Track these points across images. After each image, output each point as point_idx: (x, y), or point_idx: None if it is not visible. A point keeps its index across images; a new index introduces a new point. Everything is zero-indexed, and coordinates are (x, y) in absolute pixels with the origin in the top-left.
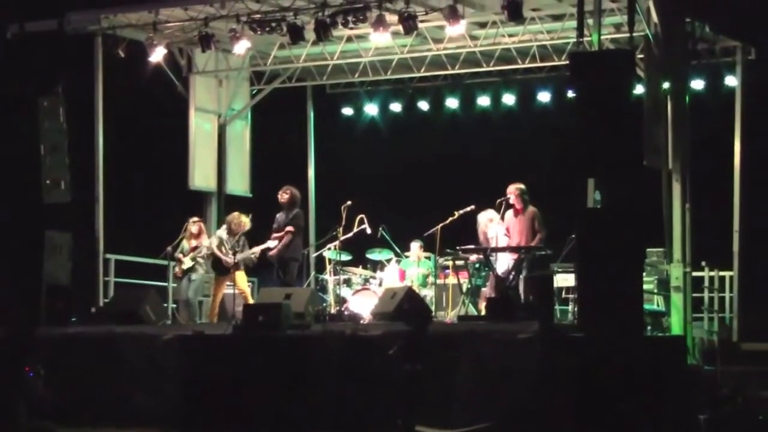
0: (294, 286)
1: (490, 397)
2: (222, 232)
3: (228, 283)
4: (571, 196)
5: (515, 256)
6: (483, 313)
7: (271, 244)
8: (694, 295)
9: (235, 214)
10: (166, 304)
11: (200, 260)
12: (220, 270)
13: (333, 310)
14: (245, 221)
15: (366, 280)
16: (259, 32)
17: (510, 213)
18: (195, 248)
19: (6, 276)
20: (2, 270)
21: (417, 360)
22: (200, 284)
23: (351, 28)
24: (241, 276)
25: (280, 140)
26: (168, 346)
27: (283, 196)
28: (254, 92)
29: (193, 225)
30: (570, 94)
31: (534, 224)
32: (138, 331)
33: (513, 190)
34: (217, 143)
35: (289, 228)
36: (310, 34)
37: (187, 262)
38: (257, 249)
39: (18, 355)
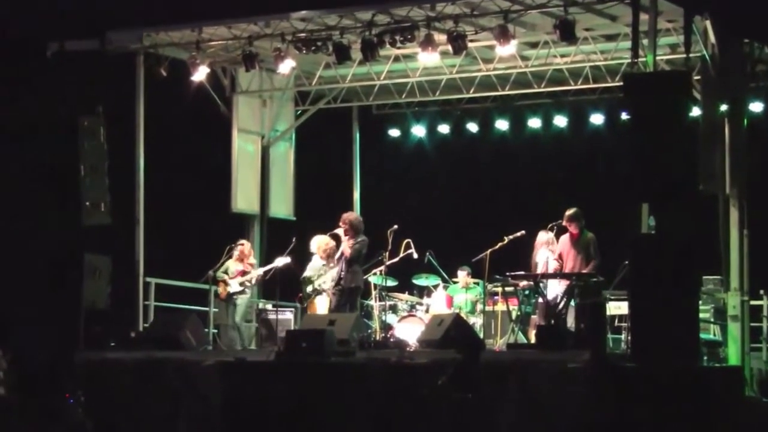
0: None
1: (538, 428)
2: (314, 258)
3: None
4: (624, 221)
5: (566, 282)
6: (532, 341)
7: (279, 262)
8: (752, 324)
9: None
10: (206, 329)
11: (248, 286)
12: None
13: (378, 337)
14: (320, 243)
15: (412, 307)
16: (304, 51)
17: (565, 237)
18: (243, 272)
19: (44, 299)
20: (41, 293)
21: (468, 389)
22: (246, 309)
23: (398, 48)
24: (318, 302)
25: (324, 162)
26: (208, 372)
27: (344, 227)
28: (299, 113)
29: (241, 246)
30: (623, 116)
31: (589, 251)
32: (178, 357)
33: (570, 215)
34: (260, 165)
35: (346, 250)
36: (356, 54)
37: (234, 286)
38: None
39: (57, 380)
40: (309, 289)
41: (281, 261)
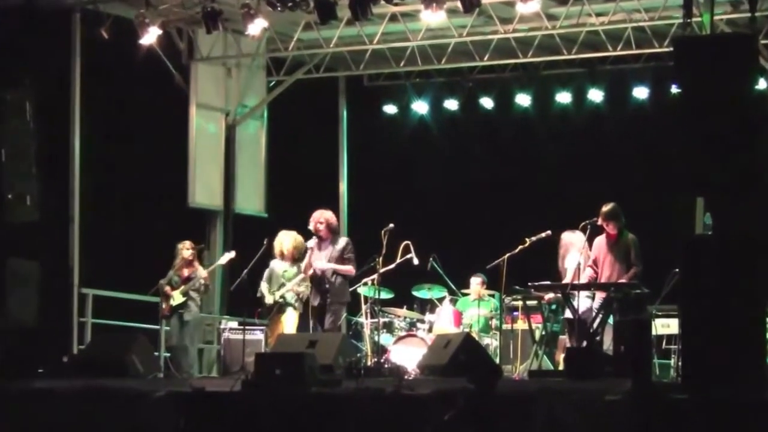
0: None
1: None
2: (275, 262)
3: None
4: (674, 219)
5: (603, 294)
6: (560, 367)
7: (223, 259)
8: None
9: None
10: (157, 353)
11: (194, 295)
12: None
13: (370, 362)
14: (296, 242)
15: (412, 325)
16: (279, 8)
17: (601, 240)
18: (187, 279)
19: None
20: None
21: (482, 426)
22: (197, 327)
23: (396, 4)
24: (287, 320)
25: (303, 146)
26: (160, 405)
27: (318, 227)
28: (272, 85)
29: (186, 250)
30: (673, 89)
31: (630, 256)
32: (122, 387)
33: (607, 212)
34: (224, 149)
35: (348, 269)
36: (343, 12)
37: (177, 297)
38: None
39: None
40: (269, 301)
41: (225, 257)
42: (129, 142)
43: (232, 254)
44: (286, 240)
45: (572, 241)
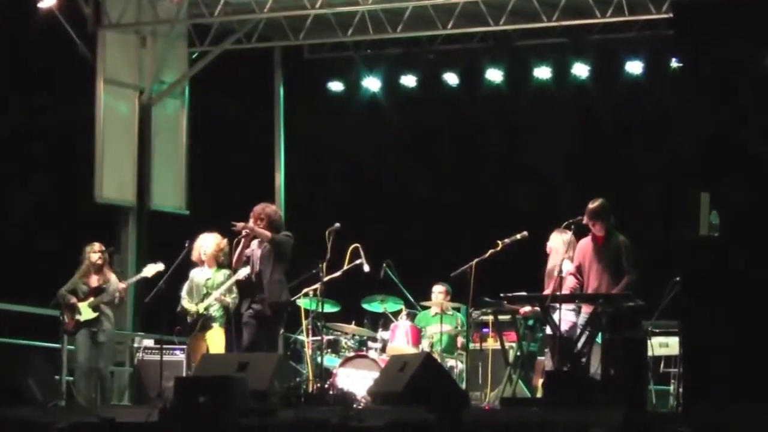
0: (274, 348)
1: None
2: (195, 272)
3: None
4: (673, 218)
5: (589, 308)
6: (539, 394)
7: (148, 271)
8: None
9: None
10: (58, 376)
11: (107, 310)
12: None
13: (311, 388)
14: (217, 244)
15: (362, 343)
16: None
17: (585, 243)
18: (97, 289)
19: None
20: None
21: None
22: (111, 347)
23: None
24: (213, 337)
25: (232, 129)
26: None
27: (258, 224)
28: (195, 57)
29: (95, 254)
30: (673, 63)
31: (621, 262)
32: (17, 416)
33: (594, 210)
34: (137, 133)
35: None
36: None
37: (86, 311)
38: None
39: None
40: (191, 310)
41: (152, 269)
42: (24, 125)
43: (160, 266)
44: (205, 243)
45: (558, 241)
